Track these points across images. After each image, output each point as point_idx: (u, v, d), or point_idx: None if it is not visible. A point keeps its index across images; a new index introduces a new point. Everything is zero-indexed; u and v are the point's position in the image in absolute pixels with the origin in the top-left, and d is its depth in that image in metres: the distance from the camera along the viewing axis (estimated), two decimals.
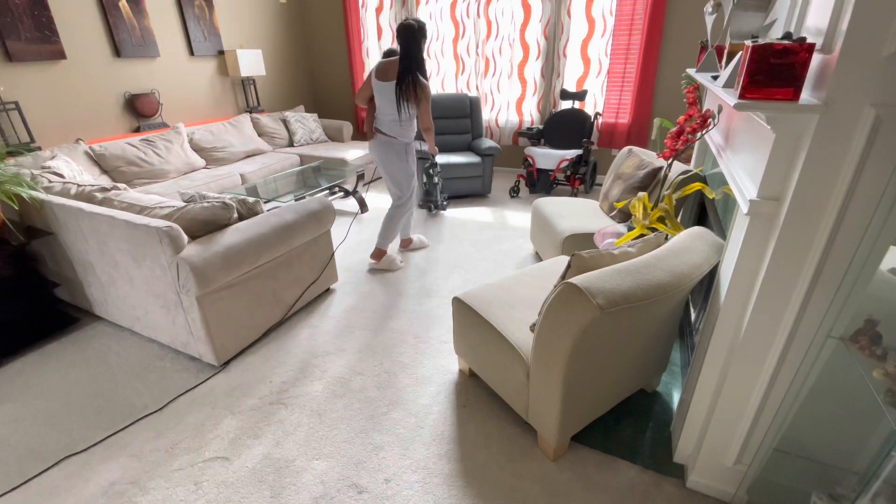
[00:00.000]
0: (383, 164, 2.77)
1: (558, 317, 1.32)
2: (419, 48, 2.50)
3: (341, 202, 4.28)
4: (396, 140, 2.69)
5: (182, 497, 1.49)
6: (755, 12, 1.48)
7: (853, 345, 1.02)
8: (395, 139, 2.68)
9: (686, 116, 1.86)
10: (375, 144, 2.74)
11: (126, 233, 1.91)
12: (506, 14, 4.51)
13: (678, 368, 2.02)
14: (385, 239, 2.91)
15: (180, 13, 4.13)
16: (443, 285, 2.77)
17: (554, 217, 2.72)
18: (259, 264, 2.11)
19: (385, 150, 2.71)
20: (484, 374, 1.81)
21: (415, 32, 2.46)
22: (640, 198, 1.97)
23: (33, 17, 3.14)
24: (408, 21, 2.45)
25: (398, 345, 2.22)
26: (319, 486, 1.51)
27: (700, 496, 1.46)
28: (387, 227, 2.89)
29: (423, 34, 2.51)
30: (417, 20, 2.48)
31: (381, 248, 2.93)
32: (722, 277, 1.37)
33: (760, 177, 1.12)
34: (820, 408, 1.13)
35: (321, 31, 5.53)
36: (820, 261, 1.04)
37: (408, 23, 2.45)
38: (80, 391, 1.95)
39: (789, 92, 0.97)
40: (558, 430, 1.50)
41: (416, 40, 2.48)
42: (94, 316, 2.49)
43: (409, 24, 2.45)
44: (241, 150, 4.30)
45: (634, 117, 4.29)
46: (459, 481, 1.53)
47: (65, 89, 3.42)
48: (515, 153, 5.12)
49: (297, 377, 2.01)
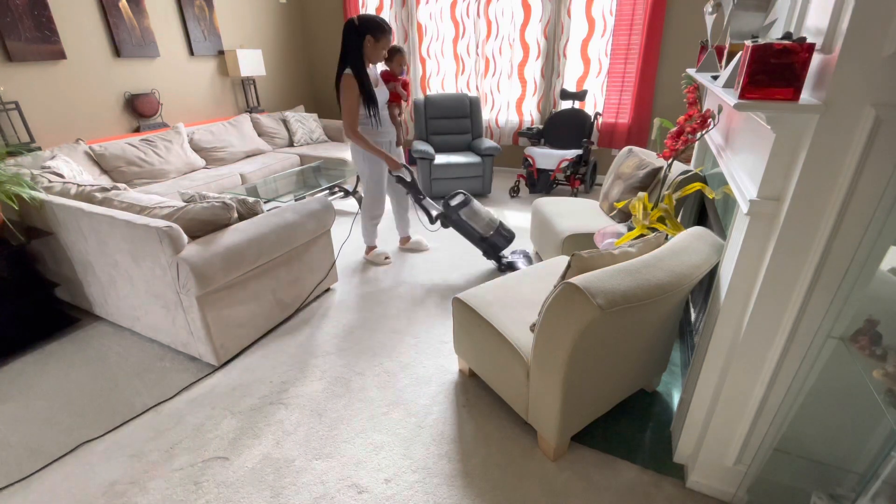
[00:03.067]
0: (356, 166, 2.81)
1: (558, 317, 1.32)
2: (353, 43, 2.41)
3: (341, 202, 4.28)
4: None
5: (182, 497, 1.49)
6: (755, 12, 1.48)
7: (853, 345, 1.02)
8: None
9: (686, 116, 1.85)
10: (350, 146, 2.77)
11: (126, 233, 1.91)
12: (506, 14, 4.51)
13: (678, 368, 2.02)
14: (366, 236, 3.07)
15: (180, 13, 4.13)
16: (443, 285, 2.77)
17: (554, 217, 2.72)
18: (259, 264, 2.11)
19: (353, 153, 2.74)
20: (484, 374, 1.81)
21: (352, 28, 2.40)
22: (640, 198, 1.97)
23: (33, 17, 3.14)
24: (350, 18, 2.42)
25: (398, 345, 2.22)
26: (319, 486, 1.51)
27: (700, 496, 1.46)
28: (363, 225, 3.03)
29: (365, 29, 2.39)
30: (360, 16, 2.40)
31: (368, 245, 3.12)
32: (722, 277, 1.37)
33: (760, 177, 1.12)
34: (820, 408, 1.13)
35: (321, 31, 5.53)
36: (820, 261, 1.04)
37: (348, 19, 2.42)
38: (80, 391, 1.95)
39: (789, 92, 0.97)
40: (558, 429, 1.50)
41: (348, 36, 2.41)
42: (94, 316, 2.49)
43: (349, 20, 2.41)
44: (241, 150, 4.30)
45: (634, 117, 4.29)
46: (459, 481, 1.53)
47: (65, 89, 3.42)
48: (515, 153, 5.12)
49: (297, 377, 2.01)
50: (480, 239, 2.87)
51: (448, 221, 2.87)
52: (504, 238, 2.89)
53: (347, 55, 2.45)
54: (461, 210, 2.82)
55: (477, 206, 2.88)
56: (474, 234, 2.87)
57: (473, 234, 2.87)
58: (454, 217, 2.83)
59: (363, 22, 2.39)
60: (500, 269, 2.96)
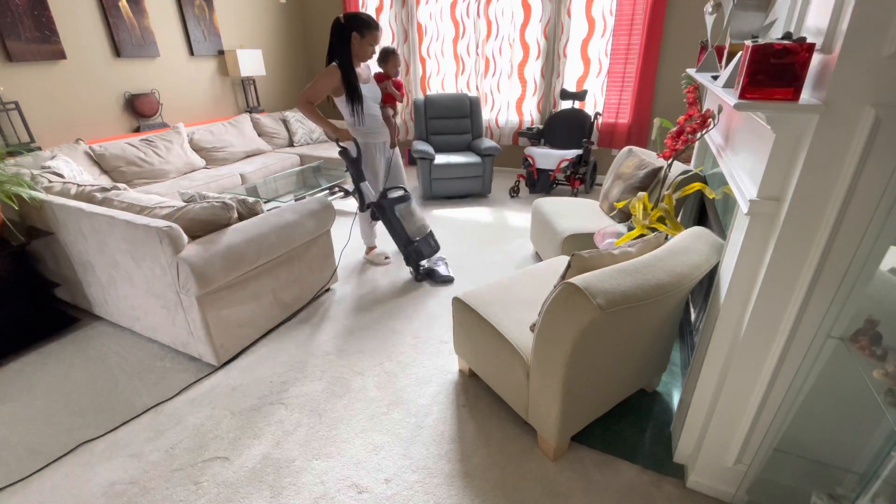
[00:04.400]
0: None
1: (558, 317, 1.32)
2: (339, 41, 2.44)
3: (341, 202, 4.28)
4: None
5: (182, 497, 1.49)
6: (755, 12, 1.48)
7: (853, 345, 1.02)
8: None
9: (686, 116, 1.85)
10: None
11: (126, 233, 1.91)
12: (506, 14, 4.51)
13: (678, 368, 2.02)
14: (366, 237, 3.07)
15: (180, 13, 4.13)
16: (443, 285, 2.77)
17: (554, 217, 2.72)
18: (259, 264, 2.11)
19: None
20: (484, 374, 1.81)
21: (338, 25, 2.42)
22: (640, 198, 1.97)
23: (33, 17, 3.14)
24: (337, 17, 2.44)
25: (398, 345, 2.22)
26: (319, 486, 1.52)
27: (700, 496, 1.46)
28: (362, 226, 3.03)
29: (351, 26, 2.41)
30: (346, 14, 2.43)
31: (368, 245, 3.12)
32: (722, 277, 1.37)
33: (760, 177, 1.12)
34: (820, 408, 1.13)
35: (321, 31, 5.53)
36: (820, 261, 1.04)
37: (335, 18, 2.44)
38: (81, 391, 1.95)
39: (789, 92, 0.97)
40: (558, 430, 1.50)
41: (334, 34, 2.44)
42: (94, 316, 2.50)
43: (336, 18, 2.44)
44: (241, 150, 4.30)
45: (634, 117, 4.29)
46: (459, 481, 1.53)
47: (65, 89, 3.42)
48: (515, 153, 5.12)
49: (297, 377, 2.01)
50: (407, 241, 2.75)
51: (380, 214, 2.72)
52: (430, 247, 2.80)
53: (334, 52, 2.47)
54: (397, 205, 2.71)
55: (414, 207, 2.80)
56: (402, 235, 2.74)
57: (401, 235, 2.74)
58: (388, 211, 2.69)
59: (349, 19, 2.41)
60: (417, 278, 2.82)
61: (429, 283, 2.80)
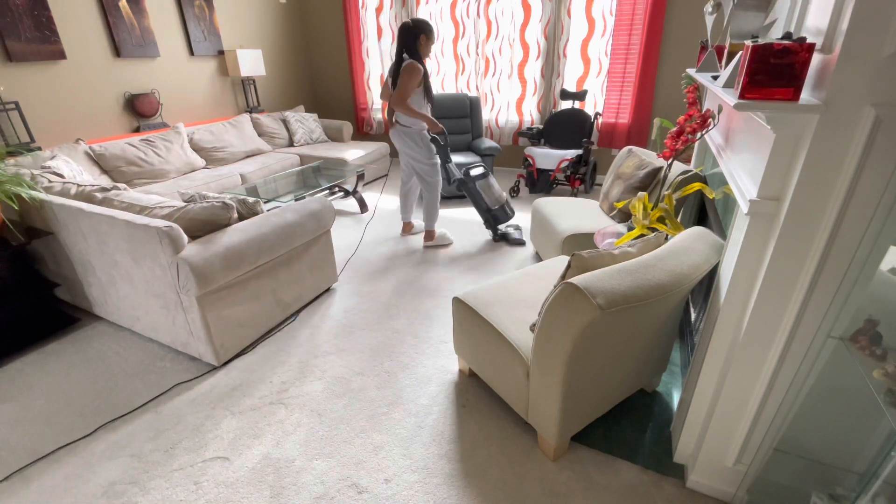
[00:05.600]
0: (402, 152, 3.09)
1: (558, 317, 1.32)
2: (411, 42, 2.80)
3: (341, 202, 4.28)
4: (410, 129, 2.97)
5: (182, 497, 1.49)
6: (755, 12, 1.48)
7: (853, 345, 1.02)
8: (408, 128, 2.97)
9: (686, 116, 1.85)
10: (393, 134, 3.03)
11: (126, 233, 1.91)
12: (506, 14, 4.51)
13: (678, 368, 2.02)
14: (429, 220, 3.24)
15: (180, 13, 4.13)
16: (443, 285, 2.77)
17: (554, 217, 2.72)
18: (259, 264, 2.11)
19: (403, 141, 3.02)
20: (484, 374, 1.81)
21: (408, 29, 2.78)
22: (640, 198, 1.97)
23: (33, 17, 3.14)
24: (404, 21, 2.80)
25: (398, 345, 2.22)
26: (319, 486, 1.52)
27: (700, 496, 1.46)
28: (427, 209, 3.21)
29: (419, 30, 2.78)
30: (413, 19, 2.80)
31: (429, 229, 3.28)
32: (722, 277, 1.37)
33: (760, 177, 1.12)
34: (820, 408, 1.13)
35: (321, 31, 5.53)
36: (820, 261, 1.04)
37: (403, 23, 2.80)
38: (80, 391, 1.95)
39: (789, 92, 0.97)
40: (558, 430, 1.50)
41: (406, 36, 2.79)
42: (94, 316, 2.50)
43: (404, 23, 2.79)
44: (241, 150, 4.30)
45: (634, 117, 4.29)
46: (459, 481, 1.53)
47: (65, 89, 3.42)
48: (515, 153, 5.12)
49: (297, 377, 2.01)
50: (486, 210, 3.24)
51: (464, 188, 3.24)
52: (506, 214, 3.29)
53: (409, 52, 2.79)
54: (478, 181, 3.21)
55: (492, 181, 3.27)
56: (482, 205, 3.23)
57: (481, 205, 3.24)
58: (470, 185, 3.21)
59: (416, 24, 2.78)
60: (495, 238, 3.36)
61: (505, 244, 3.33)
